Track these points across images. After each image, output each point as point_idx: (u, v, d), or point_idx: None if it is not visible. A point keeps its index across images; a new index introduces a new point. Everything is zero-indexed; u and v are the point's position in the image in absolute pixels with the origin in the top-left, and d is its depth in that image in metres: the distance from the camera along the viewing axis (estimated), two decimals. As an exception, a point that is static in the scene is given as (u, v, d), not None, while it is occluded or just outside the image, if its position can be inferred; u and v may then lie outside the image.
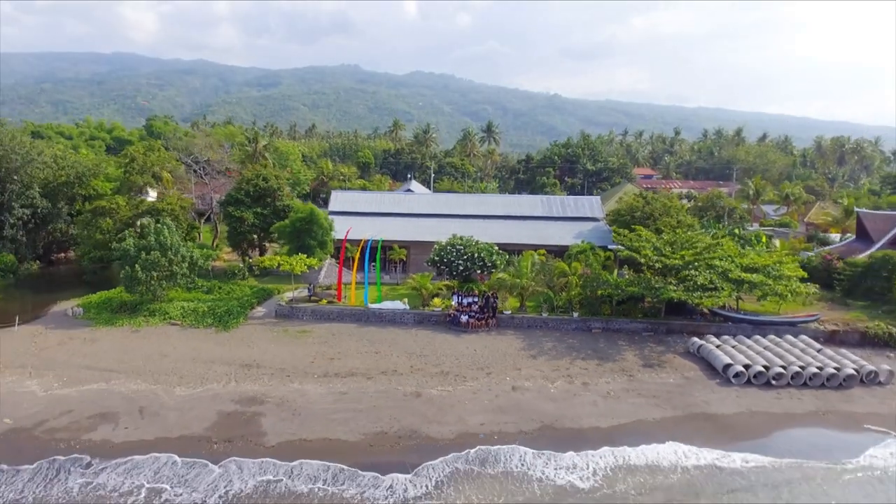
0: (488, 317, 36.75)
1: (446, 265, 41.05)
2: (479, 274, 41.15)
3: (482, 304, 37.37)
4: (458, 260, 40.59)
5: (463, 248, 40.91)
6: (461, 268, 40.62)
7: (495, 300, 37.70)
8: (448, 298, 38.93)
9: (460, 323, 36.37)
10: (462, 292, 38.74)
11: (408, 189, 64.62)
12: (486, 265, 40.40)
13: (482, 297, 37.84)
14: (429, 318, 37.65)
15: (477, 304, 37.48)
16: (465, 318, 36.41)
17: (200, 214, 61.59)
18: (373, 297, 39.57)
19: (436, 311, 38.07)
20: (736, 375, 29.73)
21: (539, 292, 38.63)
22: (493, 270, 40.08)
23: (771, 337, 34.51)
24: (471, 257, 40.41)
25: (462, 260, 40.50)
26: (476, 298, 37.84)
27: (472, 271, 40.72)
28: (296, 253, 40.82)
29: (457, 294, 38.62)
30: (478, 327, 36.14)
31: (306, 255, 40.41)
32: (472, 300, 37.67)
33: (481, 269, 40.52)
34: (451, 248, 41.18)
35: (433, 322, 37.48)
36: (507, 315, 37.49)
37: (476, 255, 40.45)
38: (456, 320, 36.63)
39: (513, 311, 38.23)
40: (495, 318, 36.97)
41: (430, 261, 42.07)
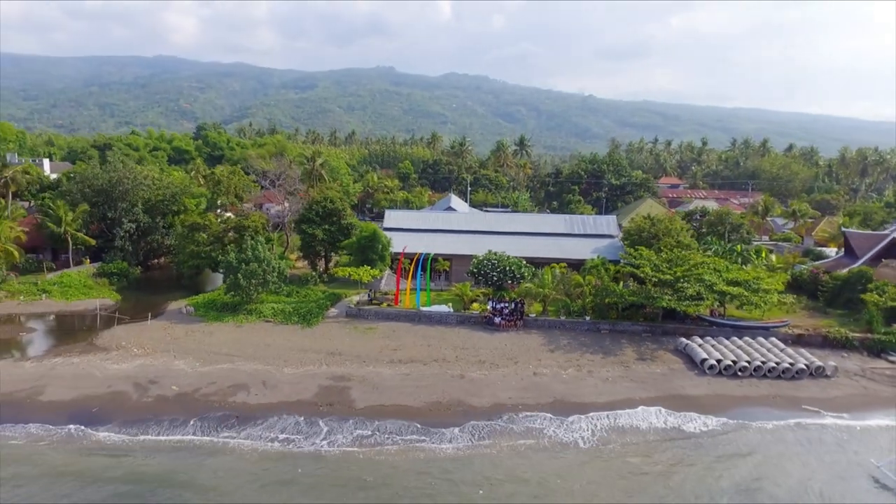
0: (517, 319, 45.65)
1: (483, 276, 50.10)
2: (510, 283, 50.04)
3: (512, 309, 46.26)
4: (492, 272, 49.63)
5: (497, 262, 49.93)
6: (495, 278, 49.65)
7: (522, 305, 46.59)
8: (484, 303, 47.95)
9: (494, 323, 45.37)
10: (495, 298, 47.73)
11: (449, 206, 73.56)
12: (516, 276, 49.34)
13: (512, 302, 46.75)
14: (468, 319, 46.75)
15: (508, 308, 46.36)
16: (497, 320, 45.41)
17: (274, 227, 71.72)
18: (423, 301, 48.82)
19: (474, 313, 47.16)
20: (710, 367, 38.08)
21: (558, 299, 47.44)
22: (521, 281, 49.00)
23: (746, 339, 42.59)
24: (503, 270, 49.41)
25: (496, 272, 49.52)
26: (507, 304, 46.73)
27: (503, 281, 49.69)
28: (361, 265, 50.38)
29: (491, 300, 47.62)
30: (508, 327, 45.08)
31: (370, 267, 49.91)
32: (503, 305, 46.59)
33: (511, 279, 49.47)
34: (486, 261, 50.23)
35: (472, 322, 46.54)
36: (531, 318, 46.34)
37: (507, 268, 49.44)
38: (490, 321, 45.65)
39: (536, 314, 47.09)
40: (522, 320, 45.84)
41: (470, 272, 51.17)
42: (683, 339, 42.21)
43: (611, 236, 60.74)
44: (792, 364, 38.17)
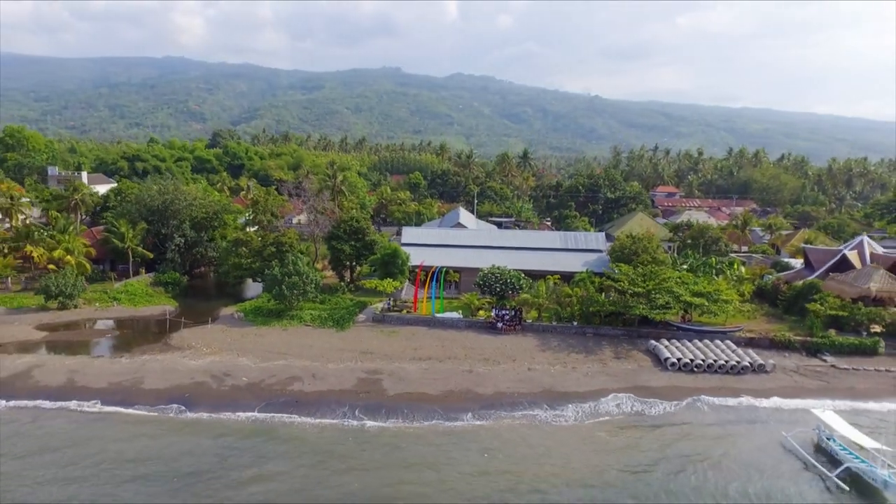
0: (516, 324, 54.52)
1: (488, 287, 59.02)
2: (510, 293, 58.92)
3: (512, 315, 55.13)
4: (496, 283, 58.55)
5: (499, 275, 58.86)
6: (498, 289, 58.56)
7: (520, 312, 55.49)
8: (488, 311, 56.86)
9: (496, 328, 54.28)
10: (498, 306, 56.65)
11: (458, 223, 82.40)
12: (515, 287, 58.26)
13: (512, 310, 55.61)
14: (475, 324, 55.68)
15: (508, 315, 55.22)
16: (500, 325, 54.32)
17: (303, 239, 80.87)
18: (437, 309, 57.76)
19: (480, 319, 56.09)
20: (672, 365, 46.91)
21: (551, 307, 56.32)
22: (520, 291, 57.91)
23: (706, 341, 51.35)
24: (505, 282, 58.33)
25: (499, 283, 58.44)
26: (508, 311, 55.59)
27: (505, 292, 58.59)
28: (384, 278, 59.46)
29: (495, 308, 56.53)
30: (508, 331, 53.96)
31: (392, 279, 58.99)
32: (505, 312, 55.45)
33: (511, 290, 58.38)
34: (491, 274, 59.16)
35: (478, 326, 55.45)
36: (528, 323, 55.24)
37: (508, 280, 58.36)
38: (494, 326, 54.55)
39: (532, 320, 56.00)
40: (520, 325, 54.72)
41: (476, 283, 60.11)
42: (653, 342, 51.05)
43: (599, 251, 69.54)
44: (738, 362, 46.98)
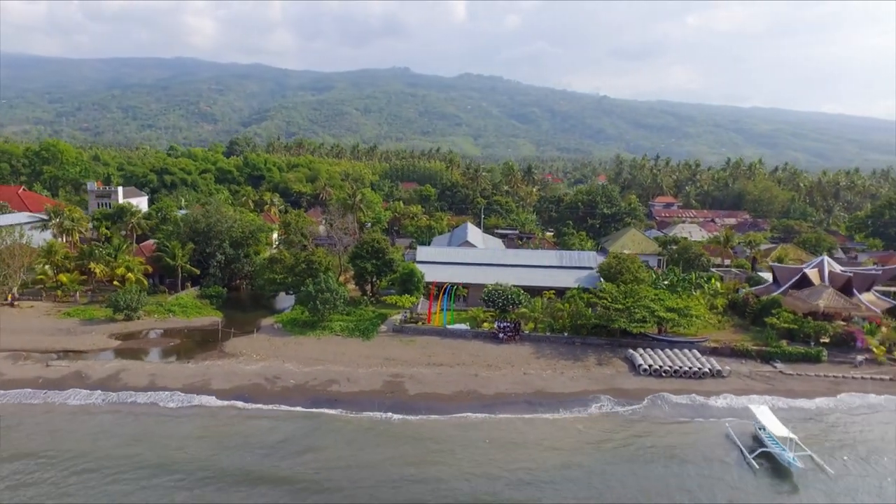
0: (515, 334, 64.02)
1: (491, 301, 68.58)
2: (511, 308, 68.44)
3: (512, 327, 64.61)
4: (498, 299, 68.09)
5: (502, 291, 68.42)
6: (500, 303, 68.11)
7: (519, 325, 65.01)
8: (492, 323, 66.39)
9: (498, 338, 63.79)
10: (500, 319, 66.18)
11: (465, 241, 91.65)
12: (515, 302, 67.78)
13: (512, 322, 65.11)
14: (481, 334, 65.23)
15: (509, 326, 64.71)
16: (501, 335, 63.83)
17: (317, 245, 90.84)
18: (448, 321, 67.35)
19: (485, 330, 65.64)
20: (644, 370, 56.25)
21: (545, 320, 65.80)
22: (519, 306, 67.42)
23: (676, 350, 60.61)
24: (506, 297, 67.87)
25: (501, 299, 67.98)
26: (508, 323, 65.07)
27: (507, 306, 68.11)
28: (402, 294, 69.16)
29: (497, 320, 66.06)
30: (508, 341, 63.46)
31: (409, 295, 68.69)
32: (506, 324, 64.93)
33: (512, 304, 67.91)
34: (494, 291, 68.72)
35: (483, 337, 64.98)
36: (526, 333, 64.72)
37: (509, 296, 67.90)
38: (496, 336, 64.08)
39: (529, 331, 65.50)
40: (519, 335, 64.20)
41: (482, 298, 69.66)
42: (631, 350, 60.40)
43: (591, 268, 78.92)
44: (700, 367, 56.31)
